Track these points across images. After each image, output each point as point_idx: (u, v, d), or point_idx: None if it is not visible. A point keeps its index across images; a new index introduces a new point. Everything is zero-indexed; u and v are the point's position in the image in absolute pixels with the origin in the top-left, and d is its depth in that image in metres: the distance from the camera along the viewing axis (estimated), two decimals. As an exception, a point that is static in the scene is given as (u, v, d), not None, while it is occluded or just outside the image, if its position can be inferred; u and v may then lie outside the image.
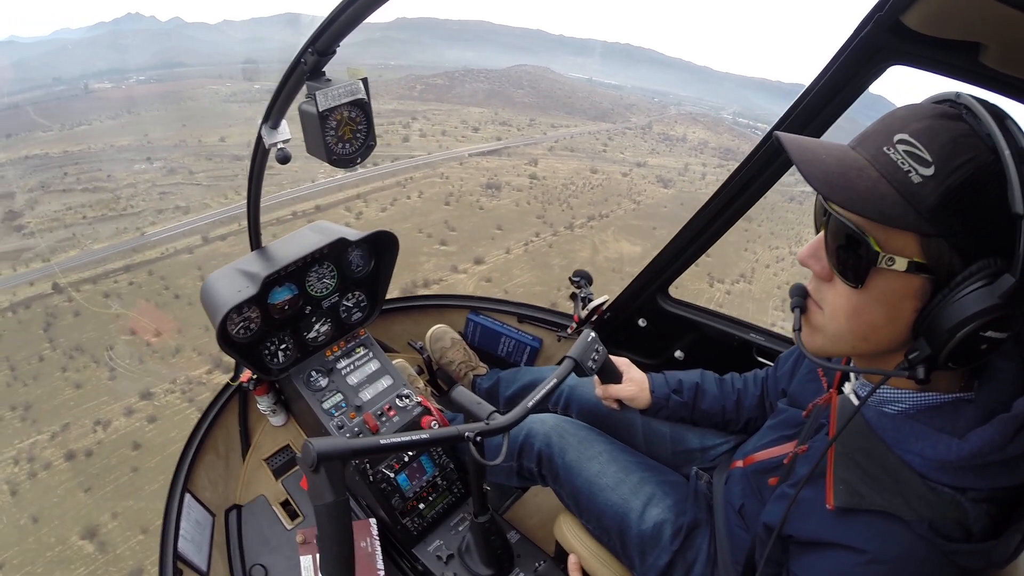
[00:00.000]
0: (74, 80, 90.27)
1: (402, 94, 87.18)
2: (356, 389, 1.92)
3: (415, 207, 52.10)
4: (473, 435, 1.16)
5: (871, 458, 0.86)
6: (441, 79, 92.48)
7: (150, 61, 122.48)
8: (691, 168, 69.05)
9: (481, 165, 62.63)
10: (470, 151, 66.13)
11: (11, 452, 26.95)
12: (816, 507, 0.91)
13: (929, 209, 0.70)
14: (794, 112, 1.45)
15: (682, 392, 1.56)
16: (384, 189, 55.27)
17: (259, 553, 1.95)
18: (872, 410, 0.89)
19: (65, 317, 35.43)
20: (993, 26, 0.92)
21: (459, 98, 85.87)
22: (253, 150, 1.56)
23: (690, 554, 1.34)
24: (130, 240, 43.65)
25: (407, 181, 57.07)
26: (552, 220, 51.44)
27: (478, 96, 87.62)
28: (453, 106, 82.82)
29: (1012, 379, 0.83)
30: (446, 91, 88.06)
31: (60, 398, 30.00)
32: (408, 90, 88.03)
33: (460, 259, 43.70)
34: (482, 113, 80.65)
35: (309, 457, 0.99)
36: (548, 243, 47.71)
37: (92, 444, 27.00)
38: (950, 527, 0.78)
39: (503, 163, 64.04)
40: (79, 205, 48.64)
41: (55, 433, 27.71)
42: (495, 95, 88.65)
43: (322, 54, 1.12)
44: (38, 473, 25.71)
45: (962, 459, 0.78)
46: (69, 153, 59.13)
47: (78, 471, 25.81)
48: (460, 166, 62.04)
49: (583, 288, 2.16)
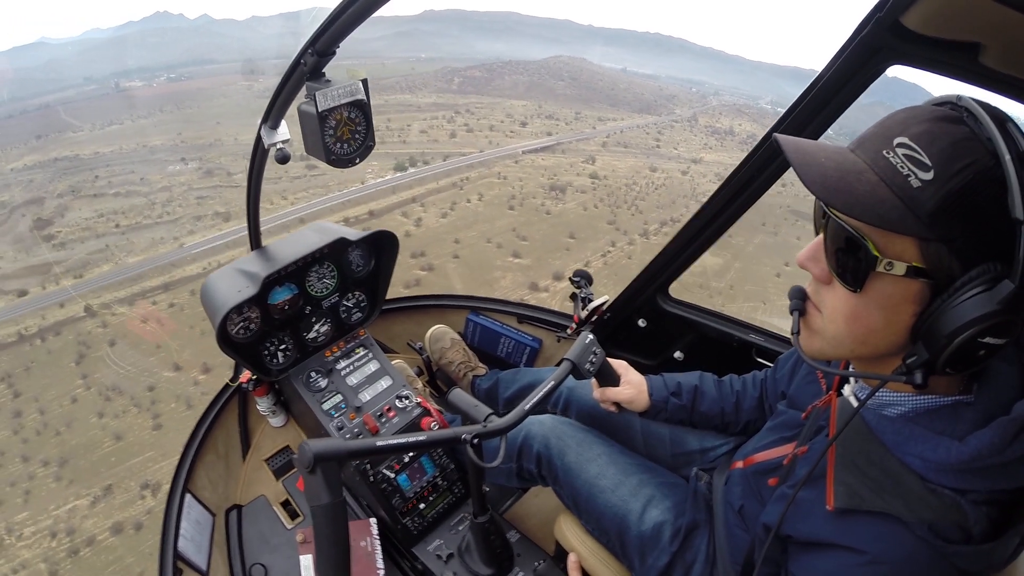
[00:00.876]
0: (104, 79, 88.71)
1: (440, 87, 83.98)
2: (356, 390, 1.92)
3: (478, 212, 47.07)
4: (470, 437, 1.16)
5: (871, 460, 0.86)
6: (479, 71, 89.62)
7: (180, 58, 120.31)
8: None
9: (537, 163, 58.12)
10: (523, 148, 62.30)
11: (47, 521, 22.54)
12: (816, 508, 0.91)
13: (928, 214, 0.69)
14: (794, 112, 1.44)
15: (681, 395, 1.56)
16: (440, 191, 50.65)
17: (259, 553, 1.95)
18: (872, 413, 0.89)
19: (99, 347, 31.05)
20: (992, 26, 0.92)
21: (499, 91, 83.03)
22: (252, 150, 1.57)
23: (689, 555, 1.34)
24: (168, 253, 39.73)
25: (463, 182, 52.69)
26: (624, 226, 45.60)
27: (518, 88, 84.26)
28: (494, 99, 79.59)
29: (1011, 382, 0.82)
30: (485, 84, 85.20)
31: (99, 452, 25.27)
32: (446, 83, 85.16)
33: (538, 274, 37.97)
34: (525, 106, 76.57)
35: (305, 458, 1.00)
36: (626, 253, 41.66)
37: (141, 514, 22.18)
38: (950, 529, 0.78)
39: (559, 161, 59.34)
40: (111, 212, 45.40)
41: (96, 498, 23.16)
42: (535, 87, 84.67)
43: (322, 55, 1.12)
44: (80, 550, 21.34)
45: (962, 462, 0.78)
46: (100, 154, 56.91)
47: (128, 548, 21.01)
48: (516, 164, 57.56)
49: (583, 288, 2.16)
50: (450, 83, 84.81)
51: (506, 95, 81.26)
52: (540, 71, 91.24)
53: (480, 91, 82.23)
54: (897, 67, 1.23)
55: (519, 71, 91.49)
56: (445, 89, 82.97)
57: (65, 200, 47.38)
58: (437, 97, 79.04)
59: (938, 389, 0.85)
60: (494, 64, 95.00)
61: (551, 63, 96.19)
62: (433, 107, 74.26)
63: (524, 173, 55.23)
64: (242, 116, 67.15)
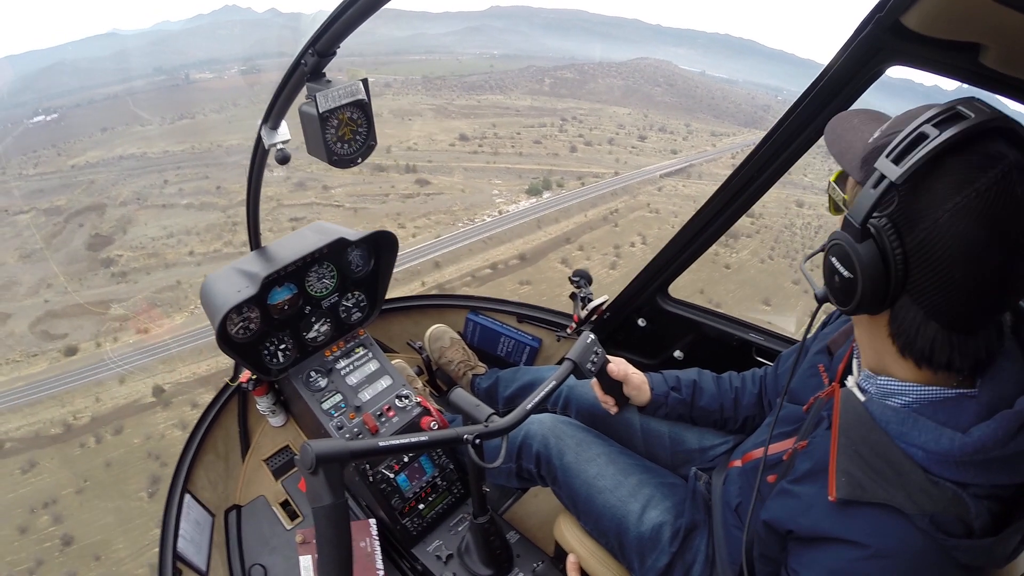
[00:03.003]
0: (174, 70, 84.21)
1: (532, 88, 77.99)
2: (355, 389, 1.92)
3: (646, 260, 38.73)
4: (472, 437, 1.16)
5: (874, 450, 0.87)
6: (569, 72, 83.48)
7: (249, 51, 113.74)
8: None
9: (681, 191, 49.48)
10: (659, 171, 53.80)
11: None
12: (817, 501, 0.92)
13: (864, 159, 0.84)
14: (794, 112, 1.44)
15: (680, 389, 1.56)
16: (592, 227, 42.50)
17: (258, 553, 1.95)
18: (876, 403, 0.90)
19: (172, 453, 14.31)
20: (993, 27, 0.92)
21: (595, 95, 76.94)
22: (252, 151, 1.57)
23: (688, 556, 1.34)
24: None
25: (613, 216, 44.49)
26: (807, 286, 39.66)
27: (614, 93, 77.93)
28: (592, 104, 72.64)
29: (1015, 378, 0.83)
30: (579, 86, 79.27)
31: None
32: (536, 83, 79.75)
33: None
34: (630, 115, 69.59)
35: (308, 459, 0.99)
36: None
37: None
38: (951, 522, 0.79)
39: (702, 189, 47.96)
40: (183, 231, 37.37)
41: None
42: (632, 92, 77.54)
43: (323, 55, 1.12)
44: None
45: (964, 453, 0.78)
46: (170, 154, 50.17)
47: None
48: (660, 192, 49.43)
49: (583, 288, 2.16)
50: (541, 83, 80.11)
51: (603, 100, 75.89)
52: (633, 74, 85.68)
53: (575, 94, 77.19)
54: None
55: (611, 73, 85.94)
56: (537, 91, 77.89)
57: (129, 210, 39.74)
58: (532, 100, 73.38)
59: (942, 381, 0.86)
60: (583, 65, 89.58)
61: (639, 66, 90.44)
62: (532, 112, 67.93)
63: (674, 205, 46.67)
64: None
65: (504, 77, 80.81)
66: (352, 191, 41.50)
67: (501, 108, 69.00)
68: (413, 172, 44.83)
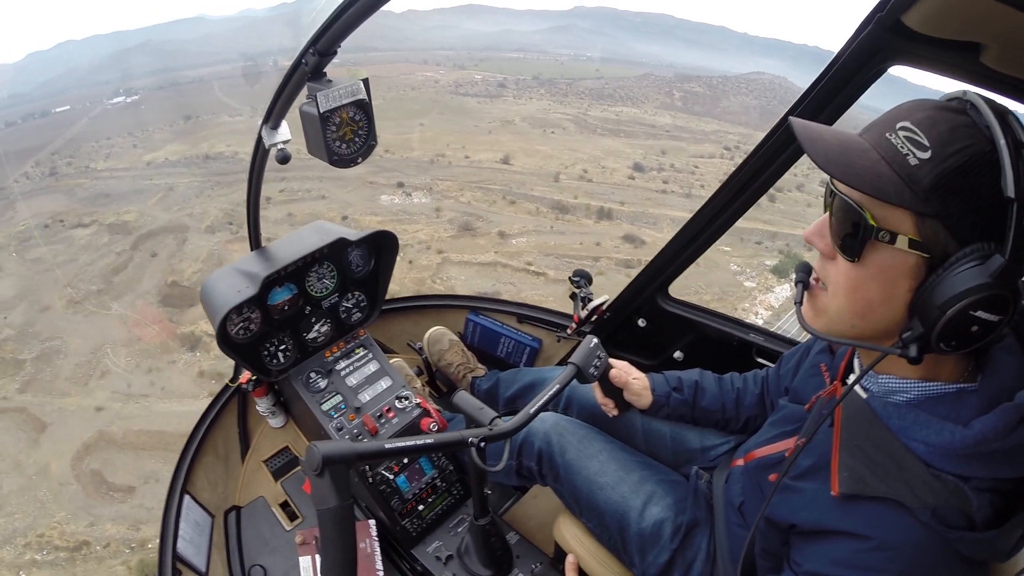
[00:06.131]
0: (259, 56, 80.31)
1: (663, 103, 72.45)
2: (355, 390, 1.92)
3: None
4: (477, 440, 1.16)
5: (876, 445, 0.87)
6: (699, 86, 77.89)
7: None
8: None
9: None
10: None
11: None
12: (820, 496, 0.93)
13: (924, 189, 0.73)
14: (794, 111, 1.44)
15: (682, 389, 1.56)
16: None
17: (258, 554, 1.94)
18: (878, 399, 0.91)
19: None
20: (993, 26, 0.92)
21: (732, 115, 70.74)
22: (253, 150, 1.57)
23: (689, 552, 1.34)
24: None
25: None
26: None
27: (751, 114, 71.42)
28: (734, 127, 65.50)
29: (1015, 372, 0.84)
30: (712, 103, 73.37)
31: None
32: (666, 96, 74.55)
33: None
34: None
35: (314, 460, 0.97)
36: None
37: None
38: (953, 515, 0.79)
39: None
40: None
41: None
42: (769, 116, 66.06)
43: (323, 55, 1.12)
44: None
45: (966, 446, 0.79)
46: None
47: None
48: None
49: (583, 288, 2.16)
50: (671, 97, 74.60)
51: (741, 122, 68.76)
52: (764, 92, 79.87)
53: (711, 112, 70.99)
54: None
55: (740, 90, 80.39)
56: (669, 105, 71.69)
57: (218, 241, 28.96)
58: (671, 117, 66.50)
59: (943, 376, 0.86)
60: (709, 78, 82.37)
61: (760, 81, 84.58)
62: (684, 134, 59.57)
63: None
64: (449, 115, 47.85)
65: (623, 85, 75.67)
66: (539, 242, 31.92)
67: (645, 125, 63.30)
68: (608, 219, 35.73)
